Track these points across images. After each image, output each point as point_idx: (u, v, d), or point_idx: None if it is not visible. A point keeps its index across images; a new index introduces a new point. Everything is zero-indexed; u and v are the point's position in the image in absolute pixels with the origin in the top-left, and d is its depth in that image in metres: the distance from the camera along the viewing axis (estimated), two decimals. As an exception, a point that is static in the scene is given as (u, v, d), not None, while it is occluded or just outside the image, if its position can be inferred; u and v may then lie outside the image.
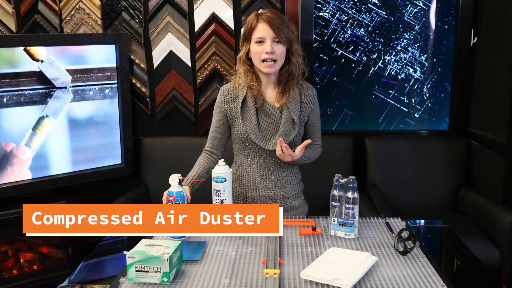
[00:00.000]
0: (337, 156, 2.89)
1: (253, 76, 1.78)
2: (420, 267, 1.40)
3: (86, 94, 2.84)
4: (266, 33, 1.70)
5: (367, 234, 1.62)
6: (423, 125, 3.22)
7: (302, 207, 1.95)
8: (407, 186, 2.94)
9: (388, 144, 3.02)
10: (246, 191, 1.86)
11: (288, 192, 1.87)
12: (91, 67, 2.83)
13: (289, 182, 1.88)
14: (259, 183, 1.84)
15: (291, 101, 1.79)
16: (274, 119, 1.79)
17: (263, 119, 1.79)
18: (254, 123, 1.77)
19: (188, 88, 3.08)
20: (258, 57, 1.72)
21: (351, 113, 3.22)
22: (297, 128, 1.79)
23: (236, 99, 1.80)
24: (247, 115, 1.79)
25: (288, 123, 1.78)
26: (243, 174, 1.86)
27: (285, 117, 1.78)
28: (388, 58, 3.15)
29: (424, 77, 3.17)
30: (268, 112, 1.79)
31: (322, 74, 3.17)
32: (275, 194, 1.85)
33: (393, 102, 3.20)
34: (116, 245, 1.72)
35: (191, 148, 2.99)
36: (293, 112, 1.78)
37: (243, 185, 1.86)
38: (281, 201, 1.86)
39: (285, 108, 1.78)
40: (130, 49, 3.00)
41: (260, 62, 1.73)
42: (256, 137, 1.77)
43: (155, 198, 2.96)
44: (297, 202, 1.92)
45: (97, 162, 2.92)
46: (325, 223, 1.72)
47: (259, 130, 1.77)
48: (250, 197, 1.86)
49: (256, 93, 1.78)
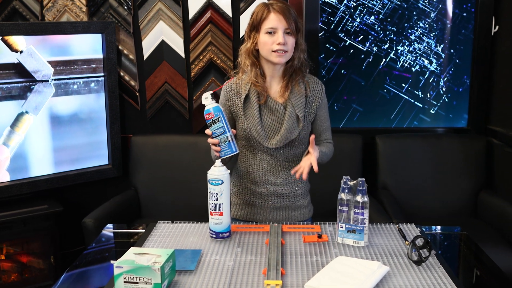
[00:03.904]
0: (345, 156, 2.89)
1: (258, 71, 1.82)
2: (436, 277, 1.40)
3: (69, 88, 2.83)
4: (278, 23, 1.75)
5: (378, 242, 1.62)
6: (439, 122, 3.22)
7: (309, 207, 1.98)
8: (421, 189, 2.94)
9: (401, 143, 3.02)
10: (253, 187, 1.90)
11: (296, 190, 1.92)
12: (75, 58, 2.82)
13: (297, 180, 1.91)
14: (266, 179, 1.89)
15: (295, 95, 1.82)
16: (278, 116, 1.83)
17: (266, 116, 1.83)
18: (257, 120, 1.81)
19: (181, 81, 3.08)
20: (268, 48, 1.77)
21: (360, 109, 3.22)
22: (301, 125, 1.82)
23: (239, 95, 1.84)
24: (249, 112, 1.83)
25: (292, 119, 1.81)
26: (249, 170, 1.90)
27: (289, 113, 1.81)
28: (401, 49, 3.15)
29: (440, 70, 3.17)
30: (271, 109, 1.83)
31: (328, 66, 3.17)
32: (283, 191, 1.89)
33: (406, 97, 3.20)
34: (102, 254, 1.72)
35: (185, 147, 2.99)
36: (297, 108, 1.81)
37: (250, 180, 1.90)
38: (289, 199, 1.91)
39: (289, 104, 1.82)
40: (118, 39, 3.00)
41: (270, 52, 1.77)
42: (258, 134, 1.81)
43: (144, 202, 2.96)
44: (304, 202, 1.95)
45: (82, 163, 2.92)
46: (332, 230, 1.72)
47: (262, 127, 1.81)
48: (257, 192, 1.90)
49: (260, 90, 1.82)
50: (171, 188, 2.96)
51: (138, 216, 2.96)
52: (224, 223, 1.64)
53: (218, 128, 1.68)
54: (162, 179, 2.97)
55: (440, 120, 3.22)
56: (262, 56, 1.81)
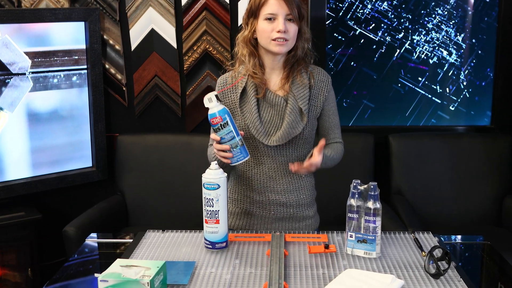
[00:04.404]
0: (354, 157, 2.89)
1: (256, 61, 1.81)
2: (456, 292, 1.39)
3: (49, 82, 2.83)
4: (279, 9, 1.74)
5: (392, 253, 1.62)
6: (460, 120, 3.22)
7: (315, 218, 1.97)
8: (440, 194, 2.94)
9: (416, 143, 3.01)
10: (253, 194, 1.89)
11: (302, 199, 1.90)
12: (55, 49, 2.82)
13: (303, 186, 1.90)
14: (267, 186, 1.87)
15: (297, 87, 1.82)
16: (279, 110, 1.82)
17: (265, 111, 1.83)
18: (255, 115, 1.80)
19: (173, 74, 3.08)
20: (267, 36, 1.76)
21: (372, 105, 3.22)
22: (305, 119, 1.81)
23: (235, 89, 1.84)
24: (247, 107, 1.82)
25: (295, 113, 1.80)
26: (249, 175, 1.88)
27: (290, 106, 1.80)
28: (417, 39, 3.15)
29: (461, 62, 3.17)
30: (271, 102, 1.82)
31: (336, 57, 3.17)
32: (286, 200, 1.88)
33: (423, 91, 3.19)
34: (85, 266, 1.72)
35: (177, 148, 2.99)
36: (300, 100, 1.80)
37: (250, 187, 1.89)
38: (293, 209, 1.89)
39: (291, 96, 1.81)
40: (103, 27, 3.00)
41: (269, 41, 1.76)
42: (257, 131, 1.80)
43: (132, 209, 2.96)
44: (310, 212, 1.94)
45: (63, 165, 2.91)
46: (340, 239, 1.72)
47: (260, 123, 1.80)
48: (257, 201, 1.89)
49: (259, 82, 1.81)
50: (162, 193, 2.96)
51: (125, 224, 2.96)
52: (221, 232, 1.63)
53: (228, 133, 1.66)
54: (152, 183, 2.96)
55: (460, 118, 3.22)
56: (261, 45, 1.80)
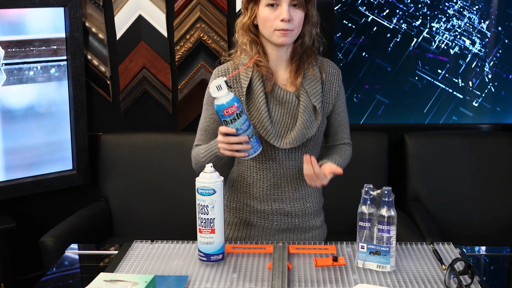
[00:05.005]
0: (366, 159, 2.89)
1: (260, 48, 1.79)
2: (480, 310, 1.40)
3: (24, 75, 2.83)
4: None
5: (408, 266, 1.62)
6: (484, 117, 3.22)
7: (322, 228, 1.97)
8: (462, 201, 2.94)
9: (436, 143, 3.02)
10: (254, 203, 1.87)
11: (308, 208, 1.90)
12: (31, 38, 2.82)
13: (310, 194, 1.90)
14: (270, 194, 1.86)
15: (309, 82, 1.80)
16: (290, 108, 1.80)
17: (275, 109, 1.80)
18: (264, 114, 1.77)
19: (163, 66, 3.08)
20: (270, 25, 1.74)
21: (386, 101, 3.22)
22: (319, 118, 1.81)
23: (239, 82, 1.81)
24: (253, 103, 1.79)
25: (309, 111, 1.79)
26: (249, 182, 1.87)
27: (304, 104, 1.78)
28: (437, 26, 3.15)
29: (485, 52, 3.17)
30: (280, 99, 1.80)
31: (346, 47, 3.17)
32: (292, 209, 1.87)
33: (443, 85, 3.20)
34: (65, 281, 1.72)
35: (168, 149, 2.99)
36: (313, 97, 1.79)
37: (249, 195, 1.87)
38: (299, 219, 1.89)
39: (303, 92, 1.79)
40: (85, 14, 3.00)
41: (272, 31, 1.74)
42: (267, 133, 1.77)
43: (118, 217, 2.96)
44: (317, 221, 1.93)
45: (40, 168, 2.92)
46: (350, 251, 1.72)
47: (271, 123, 1.78)
48: (258, 211, 1.88)
49: (265, 72, 1.79)
50: (151, 200, 2.96)
51: (110, 234, 2.96)
52: (217, 243, 1.63)
53: (244, 122, 1.62)
54: (139, 188, 2.97)
55: (485, 115, 3.22)
56: (262, 34, 1.80)
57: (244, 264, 1.64)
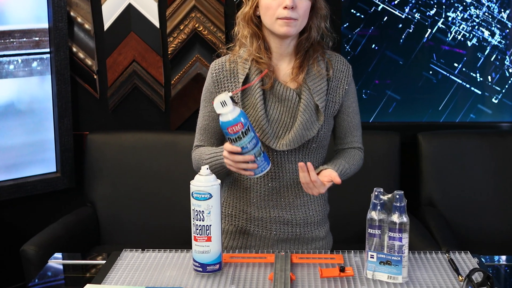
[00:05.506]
0: (376, 161, 2.89)
1: (261, 43, 1.80)
2: (500, 325, 1.40)
3: (3, 69, 2.83)
4: None
5: (422, 277, 1.62)
6: (505, 115, 3.22)
7: (327, 239, 1.96)
8: (480, 206, 2.94)
9: (452, 143, 3.02)
10: (250, 209, 1.87)
11: (311, 216, 1.89)
12: (10, 28, 2.82)
13: (313, 201, 1.89)
14: (269, 200, 1.86)
15: (313, 78, 1.80)
16: (289, 106, 1.80)
17: (273, 107, 1.80)
18: (261, 112, 1.78)
19: (155, 59, 3.08)
20: (272, 13, 1.74)
21: (398, 97, 3.22)
22: (322, 118, 1.80)
23: (235, 77, 1.82)
24: (249, 100, 1.80)
25: (310, 110, 1.79)
26: (246, 186, 1.87)
27: (305, 103, 1.78)
28: (453, 16, 3.15)
29: (505, 44, 3.17)
30: (280, 97, 1.80)
31: (354, 39, 3.17)
32: (292, 217, 1.87)
33: (459, 80, 3.20)
34: (48, 293, 1.73)
35: (160, 149, 2.99)
36: (316, 95, 1.79)
37: (246, 201, 1.88)
38: (300, 228, 1.88)
39: (305, 90, 1.79)
40: (69, 2, 3.00)
41: (274, 19, 1.74)
42: (263, 132, 1.78)
43: (105, 223, 2.96)
44: (322, 232, 1.93)
45: (21, 170, 2.92)
46: (359, 261, 1.72)
47: (267, 122, 1.78)
48: (255, 218, 1.88)
49: (265, 69, 1.78)
50: (141, 205, 2.96)
51: (97, 242, 2.97)
52: (213, 252, 1.64)
53: (250, 140, 1.62)
54: (128, 192, 2.97)
55: (505, 113, 3.22)
56: (265, 25, 1.81)
57: (243, 275, 1.64)
